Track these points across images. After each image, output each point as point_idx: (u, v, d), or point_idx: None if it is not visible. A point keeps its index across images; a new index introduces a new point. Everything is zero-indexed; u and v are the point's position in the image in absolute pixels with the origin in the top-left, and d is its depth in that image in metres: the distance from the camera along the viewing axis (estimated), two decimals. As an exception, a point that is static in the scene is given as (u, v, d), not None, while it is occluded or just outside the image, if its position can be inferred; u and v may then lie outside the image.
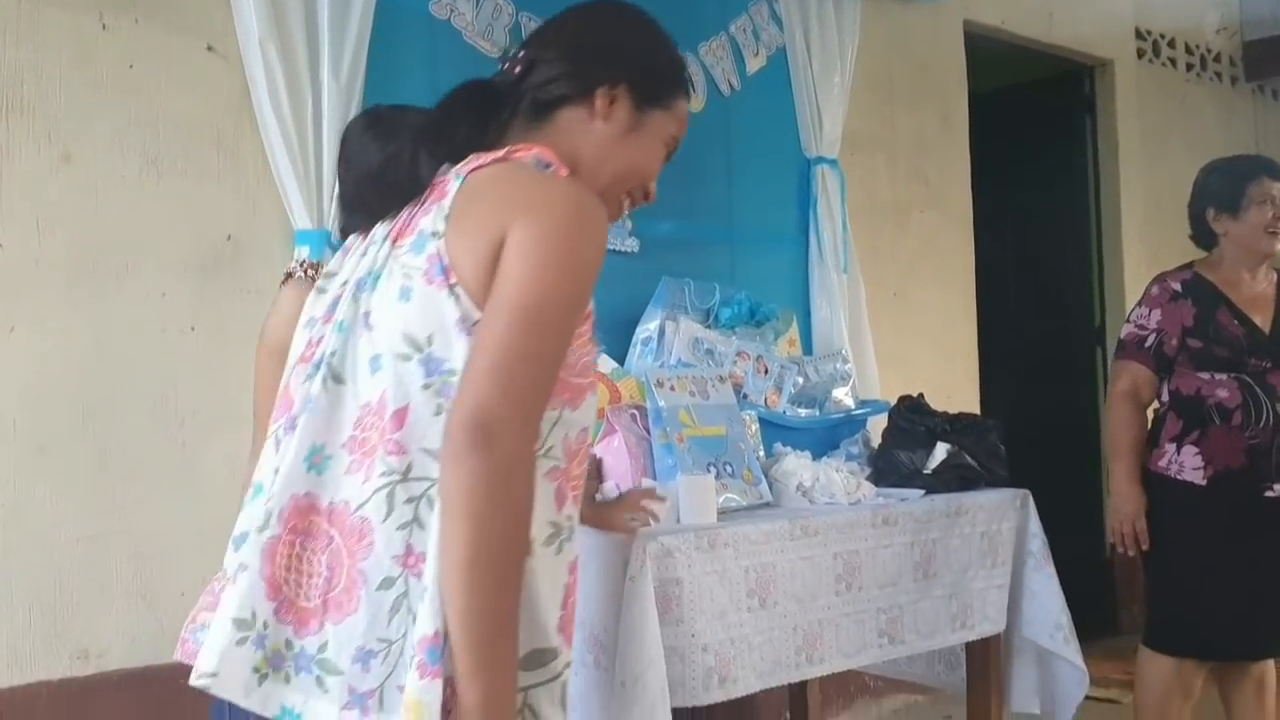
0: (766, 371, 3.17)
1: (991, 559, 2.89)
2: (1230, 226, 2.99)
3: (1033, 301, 5.20)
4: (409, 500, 1.14)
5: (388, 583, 1.13)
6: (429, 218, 1.21)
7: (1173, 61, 5.34)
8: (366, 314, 1.22)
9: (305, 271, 1.87)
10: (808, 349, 3.60)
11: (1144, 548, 2.98)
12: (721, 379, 2.88)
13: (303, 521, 1.17)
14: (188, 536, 2.64)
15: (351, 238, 1.37)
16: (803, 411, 3.21)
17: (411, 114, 1.95)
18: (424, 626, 1.09)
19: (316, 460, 1.18)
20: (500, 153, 1.26)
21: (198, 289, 2.69)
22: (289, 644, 1.15)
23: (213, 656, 1.15)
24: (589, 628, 2.30)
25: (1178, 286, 2.99)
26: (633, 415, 2.73)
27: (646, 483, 2.51)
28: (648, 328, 3.13)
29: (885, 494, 2.87)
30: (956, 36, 4.39)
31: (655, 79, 1.39)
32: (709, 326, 3.19)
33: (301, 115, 2.70)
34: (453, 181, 1.23)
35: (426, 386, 1.15)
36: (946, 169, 4.36)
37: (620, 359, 3.08)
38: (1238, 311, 2.94)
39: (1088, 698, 2.96)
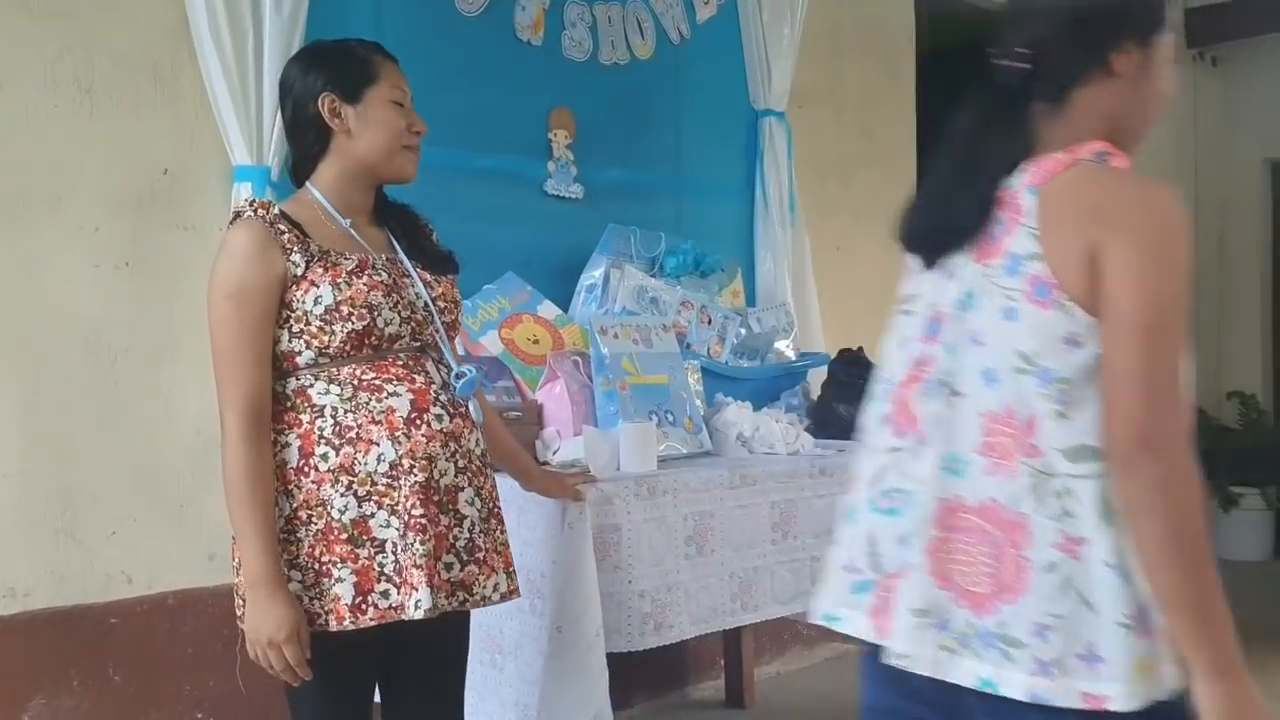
0: (710, 322, 3.18)
1: (925, 511, 2.94)
2: None
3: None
4: (1056, 495, 1.29)
5: (1051, 567, 1.28)
6: (1014, 239, 1.32)
7: (1118, 25, 5.38)
8: (973, 332, 1.35)
9: (255, 211, 1.79)
10: (751, 300, 3.61)
11: None
12: (665, 328, 2.89)
13: (952, 519, 1.34)
14: (118, 475, 2.60)
15: (912, 259, 1.47)
16: (745, 362, 3.23)
17: (353, 45, 1.91)
18: (1131, 600, 1.25)
19: (954, 467, 1.35)
20: (1062, 157, 1.32)
21: (132, 224, 2.63)
22: (970, 624, 1.32)
23: (901, 641, 1.34)
24: (525, 573, 2.31)
25: None
26: (575, 362, 2.73)
27: (588, 430, 2.51)
28: (592, 275, 3.12)
29: (823, 445, 2.90)
30: (906, -7, 4.39)
31: (1150, 11, 1.41)
32: (654, 275, 3.19)
33: (242, 48, 2.63)
34: (1026, 197, 1.32)
35: (1044, 395, 1.29)
36: (892, 126, 4.37)
37: (564, 306, 3.07)
38: None
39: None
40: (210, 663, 2.69)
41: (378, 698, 2.00)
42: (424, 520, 1.75)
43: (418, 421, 1.77)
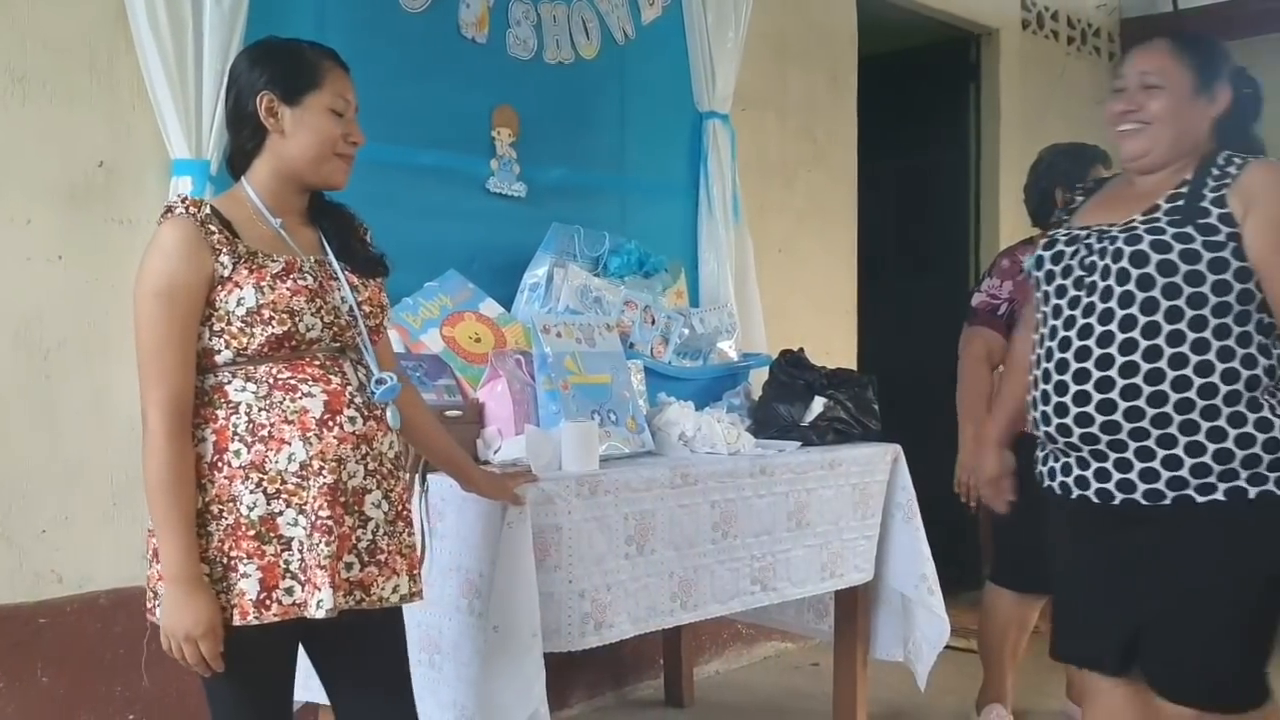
0: (654, 322, 3.19)
1: (862, 510, 2.97)
2: None
3: (912, 261, 5.32)
4: None
5: None
6: None
7: (1055, 34, 5.48)
8: None
9: (187, 209, 1.77)
10: (694, 301, 3.63)
11: (973, 502, 3.10)
12: (608, 327, 2.89)
13: None
14: (49, 472, 2.55)
15: None
16: (687, 362, 3.24)
17: (305, 47, 1.89)
18: None
19: None
20: None
21: (66, 217, 2.58)
22: None
23: None
24: (464, 573, 2.30)
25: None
26: (517, 361, 2.72)
27: (530, 429, 2.51)
28: (536, 273, 3.11)
29: (764, 445, 2.92)
30: (849, -1, 4.43)
31: None
32: (597, 275, 3.19)
33: (181, 38, 2.59)
34: None
35: None
36: (834, 129, 4.41)
37: (507, 304, 3.06)
38: None
39: (949, 647, 3.09)
40: (143, 663, 2.65)
41: (323, 699, 1.99)
42: (330, 521, 1.75)
43: (330, 423, 1.78)
